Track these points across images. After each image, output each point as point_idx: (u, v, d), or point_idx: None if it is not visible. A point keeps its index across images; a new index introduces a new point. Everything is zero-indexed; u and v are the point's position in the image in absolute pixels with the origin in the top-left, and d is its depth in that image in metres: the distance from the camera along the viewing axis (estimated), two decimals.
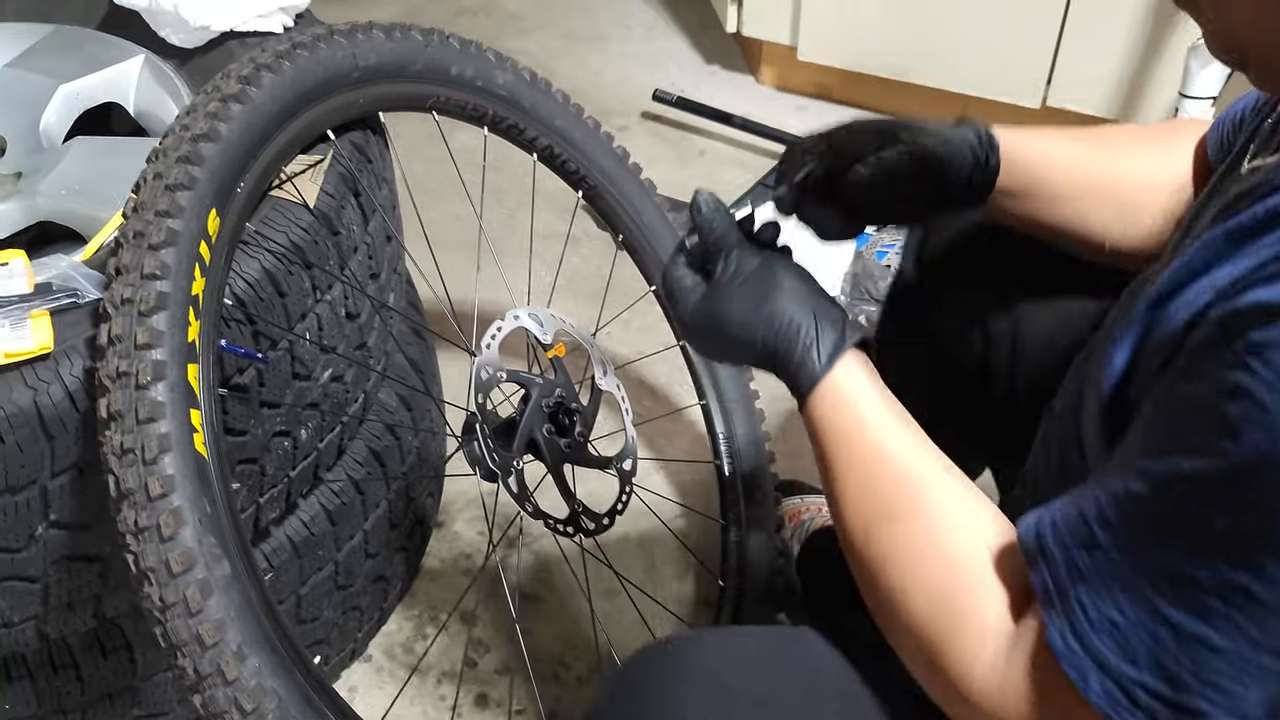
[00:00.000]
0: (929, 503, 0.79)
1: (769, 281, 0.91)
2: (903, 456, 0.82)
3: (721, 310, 0.92)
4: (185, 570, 0.87)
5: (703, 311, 0.94)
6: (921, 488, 0.80)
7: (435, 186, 1.99)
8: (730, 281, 0.92)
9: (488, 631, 1.54)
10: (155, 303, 0.92)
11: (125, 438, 0.89)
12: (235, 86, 1.06)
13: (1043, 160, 1.03)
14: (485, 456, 1.17)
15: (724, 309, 0.92)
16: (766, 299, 0.90)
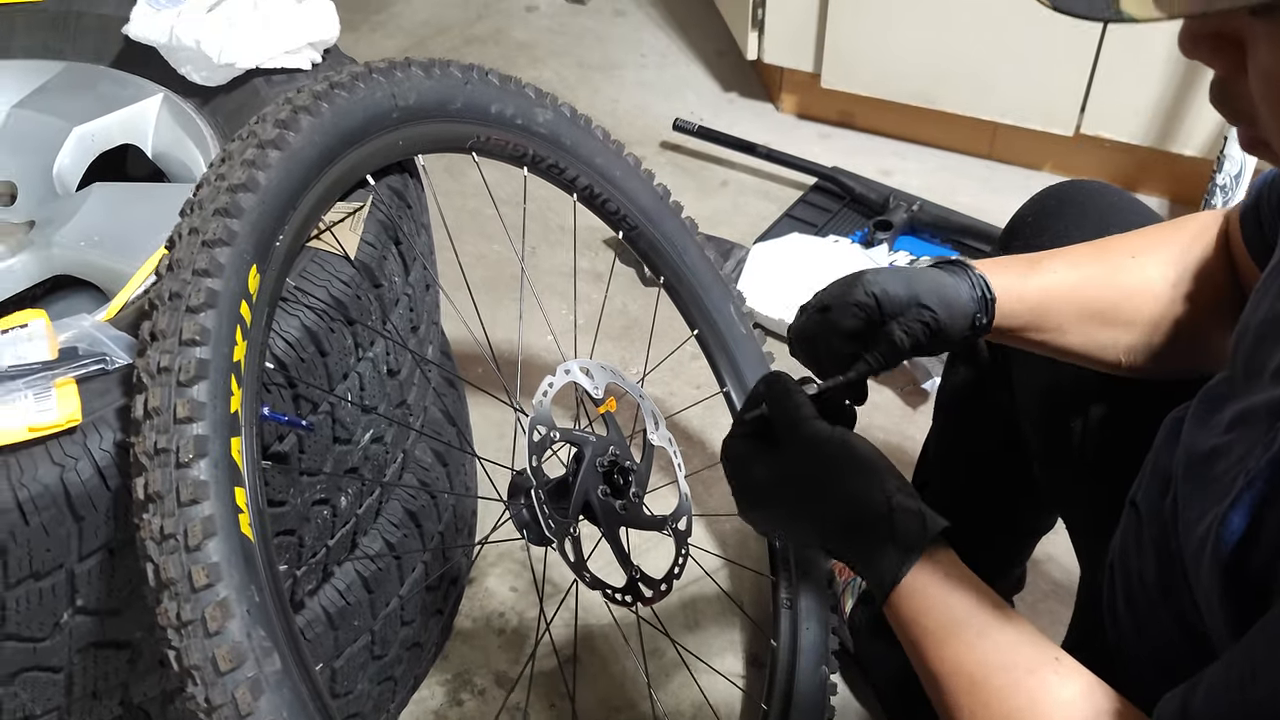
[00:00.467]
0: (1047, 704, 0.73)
1: (841, 465, 0.84)
2: (1002, 656, 0.75)
3: (789, 492, 0.86)
4: (234, 668, 0.79)
5: (769, 493, 0.88)
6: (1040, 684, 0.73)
7: (452, 224, 1.91)
8: (798, 461, 0.86)
9: (518, 693, 1.45)
10: (196, 371, 0.84)
11: (166, 521, 0.81)
12: (273, 131, 0.98)
13: (1042, 297, 0.98)
14: (541, 522, 1.09)
15: (791, 491, 0.86)
16: (839, 483, 0.83)
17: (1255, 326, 0.79)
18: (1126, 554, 0.93)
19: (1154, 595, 0.86)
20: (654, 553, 1.55)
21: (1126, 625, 0.91)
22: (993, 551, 1.35)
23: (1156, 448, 0.93)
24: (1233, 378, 0.81)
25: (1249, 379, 0.77)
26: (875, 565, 0.81)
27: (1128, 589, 0.91)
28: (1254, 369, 0.77)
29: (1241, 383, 0.79)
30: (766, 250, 2.06)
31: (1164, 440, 0.90)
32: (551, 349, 1.89)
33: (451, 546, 1.38)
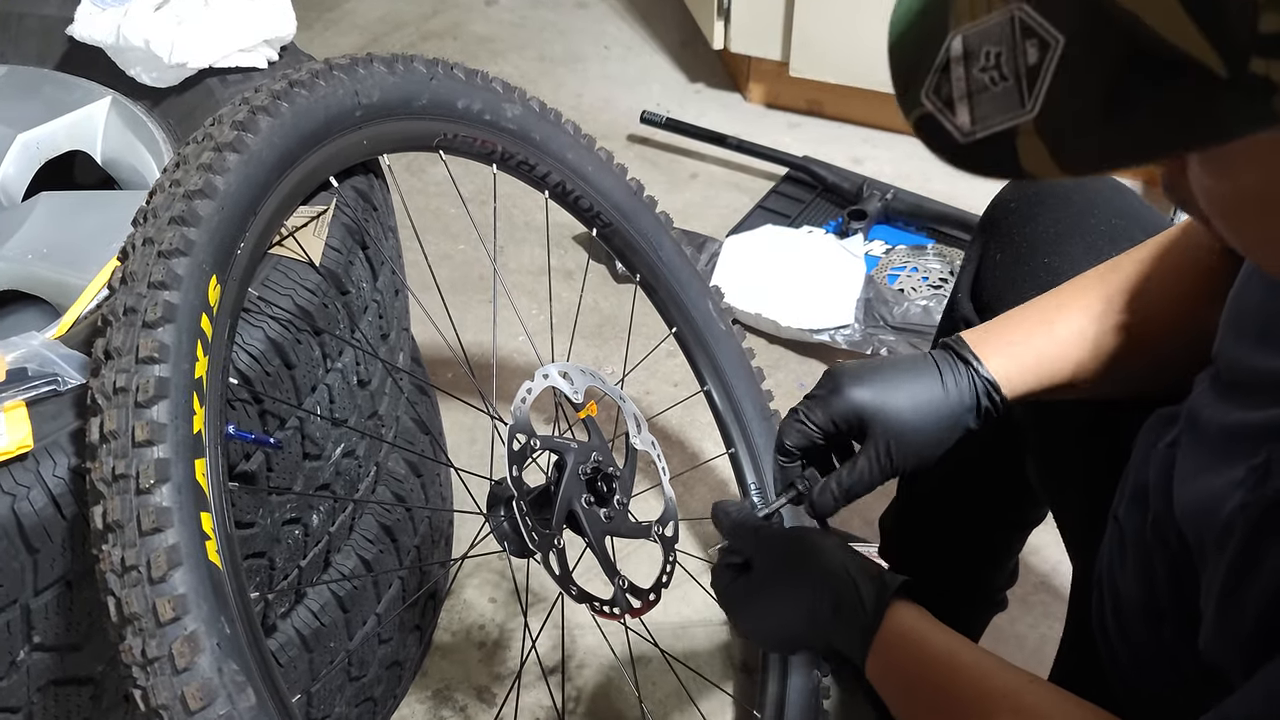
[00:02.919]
0: None
1: (800, 561, 0.90)
2: (984, 681, 0.79)
3: (761, 604, 0.92)
4: (205, 706, 0.74)
5: (747, 612, 0.94)
6: (1015, 709, 0.76)
7: (415, 224, 1.86)
8: (765, 575, 0.92)
9: (507, 709, 1.41)
10: (155, 391, 0.79)
11: (127, 552, 0.76)
12: (230, 134, 0.93)
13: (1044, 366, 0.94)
14: (524, 534, 1.04)
15: (764, 602, 0.92)
16: (800, 578, 0.89)
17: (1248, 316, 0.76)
18: (1113, 571, 0.91)
19: (1139, 617, 0.85)
20: (635, 557, 1.51)
21: (1117, 642, 0.88)
22: (984, 546, 1.32)
23: (1134, 464, 0.90)
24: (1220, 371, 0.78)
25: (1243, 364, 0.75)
26: (848, 634, 0.85)
27: (1116, 607, 0.89)
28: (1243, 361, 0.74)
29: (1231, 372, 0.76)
30: (740, 243, 2.02)
31: (1141, 456, 0.88)
32: (524, 350, 1.85)
33: (429, 562, 1.33)
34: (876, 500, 1.64)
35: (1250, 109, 0.43)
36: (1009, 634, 1.51)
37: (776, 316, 1.89)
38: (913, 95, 0.52)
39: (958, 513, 1.28)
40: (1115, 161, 0.48)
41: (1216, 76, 0.43)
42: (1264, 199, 0.53)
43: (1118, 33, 0.45)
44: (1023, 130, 0.48)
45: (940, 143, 0.52)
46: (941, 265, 2.02)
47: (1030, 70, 0.47)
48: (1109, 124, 0.46)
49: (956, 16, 0.50)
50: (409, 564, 1.29)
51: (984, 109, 0.49)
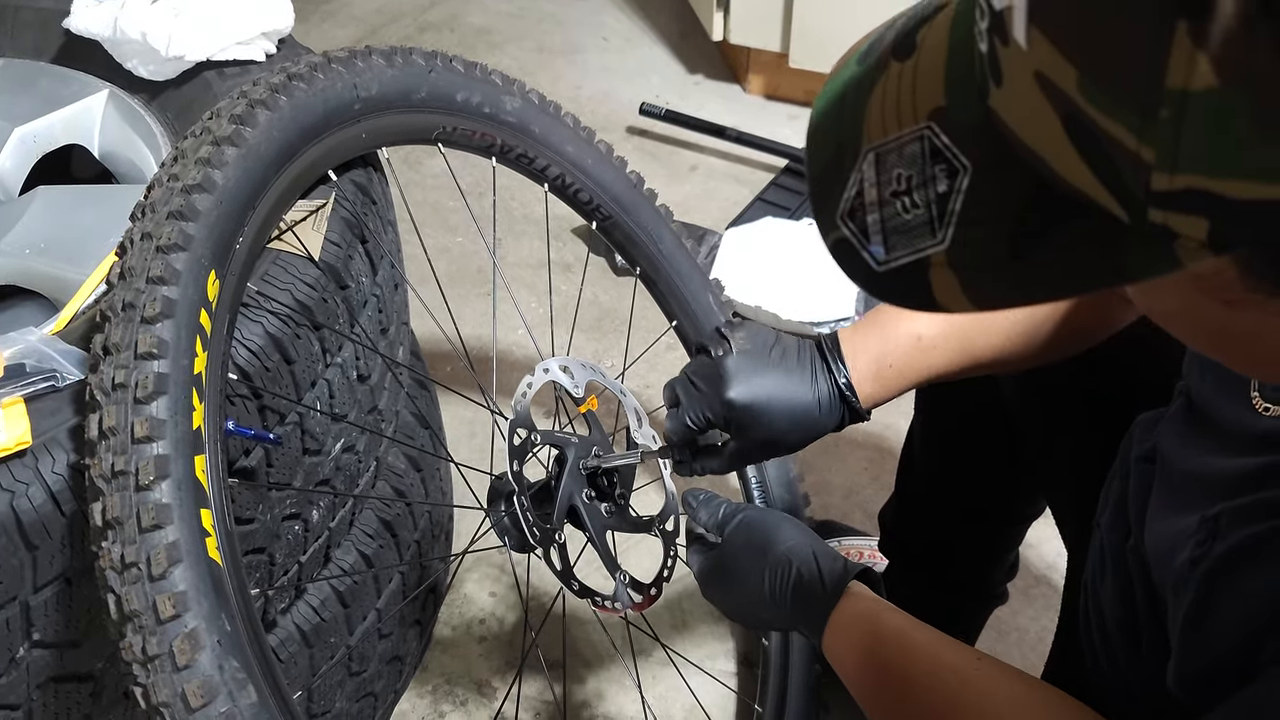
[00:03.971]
0: (972, 697, 0.79)
1: (764, 540, 0.94)
2: (935, 658, 0.82)
3: (727, 582, 0.96)
4: (206, 703, 0.74)
5: (715, 588, 0.98)
6: (962, 683, 0.80)
7: (413, 216, 1.85)
8: (732, 554, 0.96)
9: (508, 705, 1.40)
10: (154, 387, 0.79)
11: (127, 549, 0.76)
12: (228, 127, 0.92)
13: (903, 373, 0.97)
14: (525, 530, 1.04)
15: (730, 580, 0.96)
16: (765, 554, 0.92)
17: None
18: (1096, 581, 0.91)
19: (1120, 629, 0.85)
20: (636, 552, 1.51)
21: (1100, 651, 0.89)
22: (984, 539, 1.32)
23: (1116, 470, 0.90)
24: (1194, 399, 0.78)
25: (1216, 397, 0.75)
26: (807, 611, 0.89)
27: (1100, 620, 0.89)
28: None
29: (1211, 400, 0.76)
30: (740, 235, 2.01)
31: (1122, 465, 0.89)
32: (523, 344, 1.84)
33: (430, 558, 1.32)
34: (877, 494, 1.64)
35: (1153, 253, 0.43)
36: (1010, 627, 1.51)
37: (777, 309, 1.89)
38: (828, 216, 0.51)
39: (958, 507, 1.28)
40: (1026, 298, 0.47)
41: (1119, 220, 0.42)
42: (1190, 321, 0.53)
43: (1023, 168, 0.44)
44: (934, 262, 0.47)
45: (856, 270, 0.50)
46: None
47: (940, 199, 0.46)
48: (1017, 260, 0.46)
49: (869, 128, 0.49)
50: (409, 559, 1.28)
51: (896, 238, 0.48)
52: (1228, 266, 0.43)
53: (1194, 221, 0.40)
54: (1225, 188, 0.39)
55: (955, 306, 0.48)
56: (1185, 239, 0.41)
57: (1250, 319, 0.48)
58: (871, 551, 1.51)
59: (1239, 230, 0.40)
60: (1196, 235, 0.41)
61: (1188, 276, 0.44)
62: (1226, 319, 0.49)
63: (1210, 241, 0.41)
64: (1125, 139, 0.40)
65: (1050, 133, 0.42)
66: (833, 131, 0.51)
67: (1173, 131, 0.38)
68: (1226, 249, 0.42)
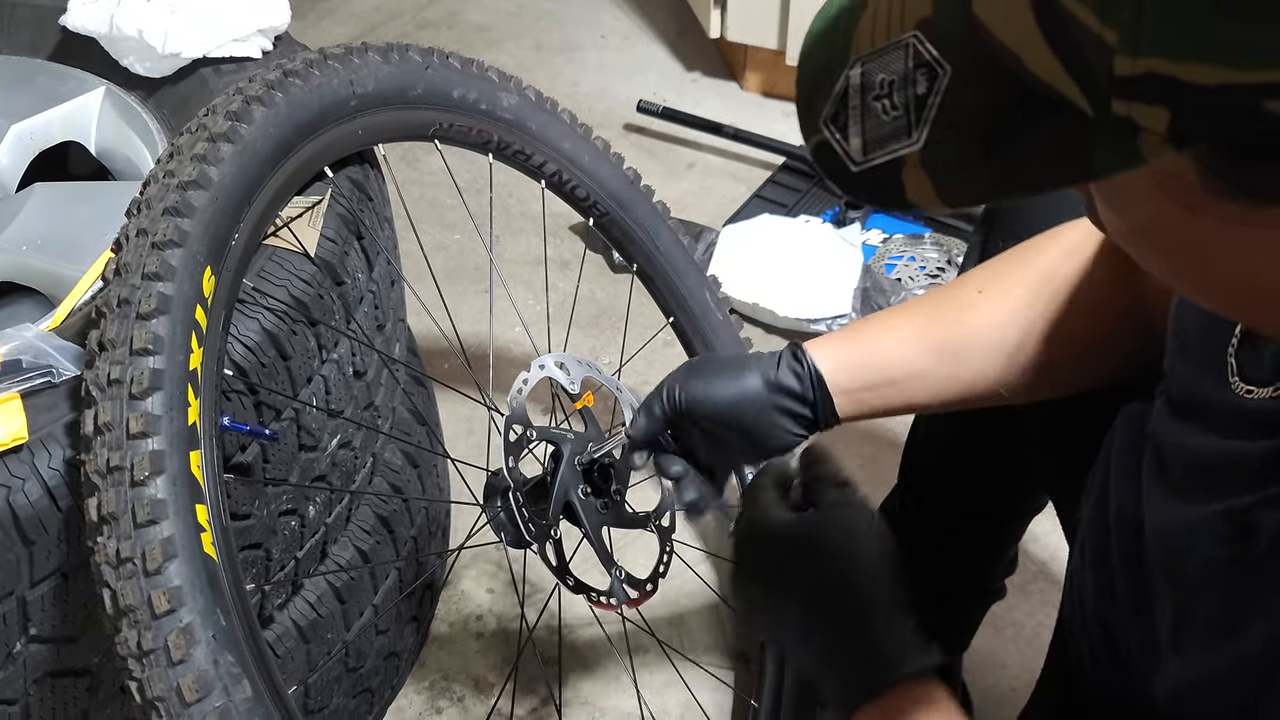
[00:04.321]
0: None
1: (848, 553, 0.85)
2: None
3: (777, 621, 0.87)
4: (201, 698, 0.74)
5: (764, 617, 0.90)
6: None
7: (409, 213, 1.85)
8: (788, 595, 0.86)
9: (501, 699, 1.41)
10: (149, 383, 0.79)
11: (122, 544, 0.76)
12: (224, 124, 0.92)
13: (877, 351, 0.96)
14: (520, 525, 1.04)
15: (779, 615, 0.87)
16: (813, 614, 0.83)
17: None
18: (1079, 574, 0.90)
19: (1099, 626, 0.85)
20: (632, 548, 1.51)
21: (1083, 646, 0.88)
22: (984, 534, 1.32)
23: (1100, 465, 0.90)
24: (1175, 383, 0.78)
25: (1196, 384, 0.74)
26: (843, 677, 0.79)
27: (1082, 615, 0.89)
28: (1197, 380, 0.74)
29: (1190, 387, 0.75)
30: (737, 232, 2.02)
31: (1105, 459, 0.88)
32: (520, 341, 1.84)
33: (426, 553, 1.33)
34: (875, 490, 1.64)
35: (1118, 148, 0.44)
36: (1007, 622, 1.51)
37: (774, 306, 1.89)
38: (812, 122, 0.52)
39: (958, 501, 1.28)
40: (995, 195, 0.49)
41: (1086, 116, 0.44)
42: (1155, 236, 0.54)
43: (1000, 69, 0.45)
44: (909, 162, 0.49)
45: (834, 170, 0.52)
46: (939, 254, 2.01)
47: (918, 101, 0.48)
48: (989, 158, 0.47)
49: (858, 42, 0.50)
50: (406, 555, 1.29)
51: (874, 139, 0.50)
52: (1188, 166, 0.45)
53: (1155, 112, 0.42)
54: (1185, 72, 0.40)
55: (925, 203, 0.50)
56: (1148, 133, 0.42)
57: (1212, 231, 0.49)
58: None
59: (1198, 121, 0.41)
60: (1158, 128, 0.42)
61: (1152, 179, 0.46)
62: (1189, 231, 0.50)
63: (1171, 135, 0.42)
64: (1089, 21, 0.41)
65: (1023, 25, 0.43)
66: (824, 47, 0.52)
67: (1134, 10, 0.40)
68: (1187, 144, 0.43)
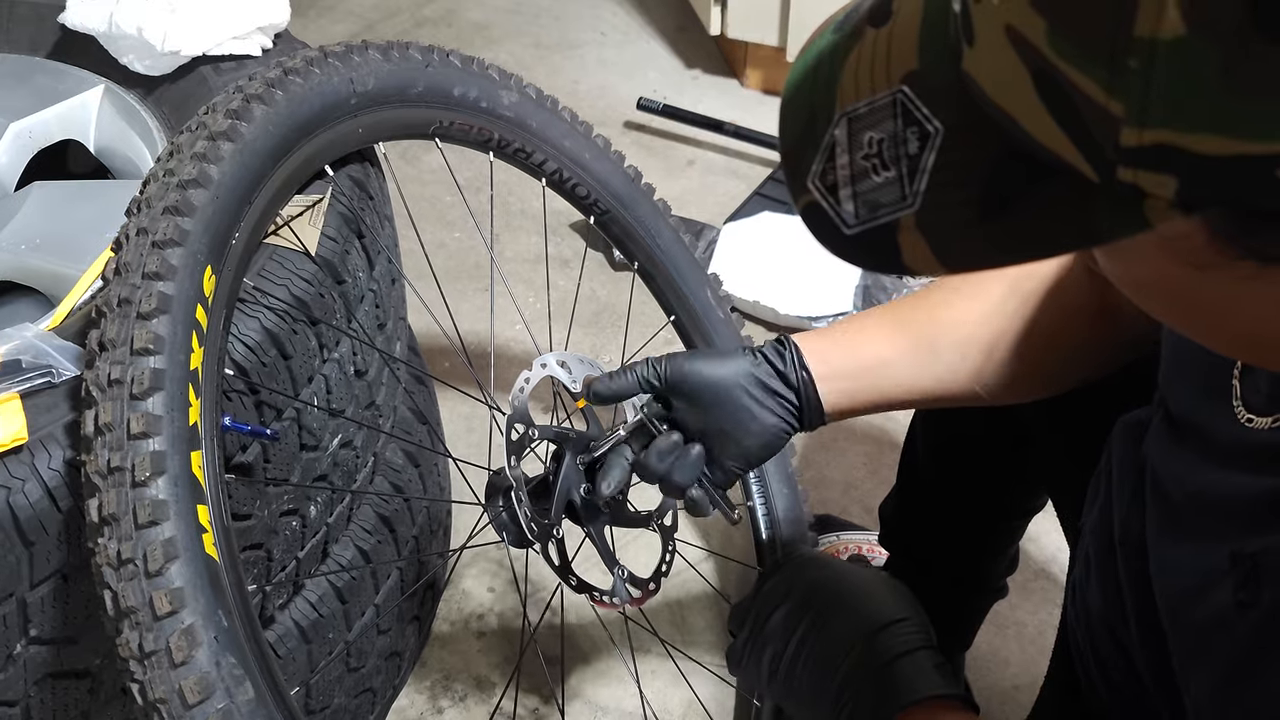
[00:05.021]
0: None
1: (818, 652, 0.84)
2: None
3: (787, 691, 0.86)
4: (203, 700, 0.74)
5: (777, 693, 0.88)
6: None
7: (411, 211, 1.85)
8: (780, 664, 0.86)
9: (505, 700, 1.40)
10: (150, 383, 0.78)
11: (123, 545, 0.75)
12: (224, 122, 0.92)
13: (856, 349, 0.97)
14: (522, 524, 1.04)
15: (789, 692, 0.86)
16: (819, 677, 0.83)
17: None
18: (1082, 583, 0.90)
19: (1101, 626, 0.84)
20: (634, 547, 1.51)
21: (1088, 651, 0.88)
22: (985, 533, 1.32)
23: (1102, 471, 0.89)
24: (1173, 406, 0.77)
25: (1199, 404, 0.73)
26: None
27: (1087, 622, 0.88)
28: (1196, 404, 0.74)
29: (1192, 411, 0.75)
30: (738, 230, 2.01)
31: (1106, 469, 0.88)
32: (521, 339, 1.84)
33: (428, 553, 1.32)
34: (875, 488, 1.64)
35: (1122, 214, 0.43)
36: (1009, 621, 1.51)
37: (775, 304, 1.89)
38: (800, 181, 0.51)
39: (958, 500, 1.28)
40: (997, 260, 0.47)
41: (1089, 181, 0.42)
42: (1159, 292, 0.53)
43: (995, 130, 0.44)
44: (904, 225, 0.47)
45: (826, 234, 0.50)
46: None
47: (911, 160, 0.46)
48: (987, 221, 0.46)
49: (842, 94, 0.49)
50: (407, 555, 1.28)
51: (866, 200, 0.48)
52: (1196, 229, 0.44)
53: (1163, 180, 0.40)
54: (1194, 143, 0.39)
55: (925, 269, 0.48)
56: (1154, 198, 0.41)
57: (1220, 287, 0.48)
58: (870, 546, 1.51)
59: (1207, 189, 0.40)
60: (1165, 194, 0.41)
61: (1157, 241, 0.45)
62: (1196, 287, 0.49)
63: (1179, 201, 0.41)
64: (1094, 93, 0.40)
65: (1021, 90, 0.42)
66: (806, 98, 0.51)
67: (1142, 83, 0.38)
68: (1195, 209, 0.42)
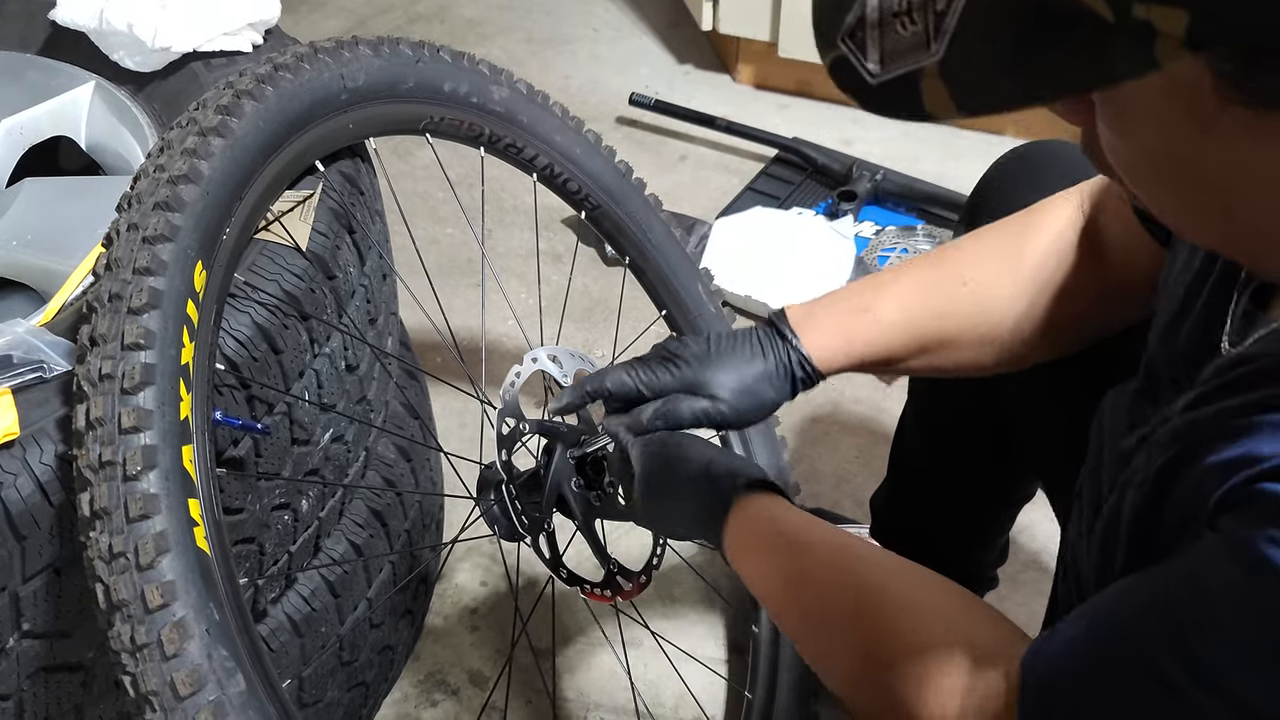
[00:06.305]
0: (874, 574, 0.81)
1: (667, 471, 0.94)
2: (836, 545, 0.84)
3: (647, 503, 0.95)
4: (195, 692, 0.74)
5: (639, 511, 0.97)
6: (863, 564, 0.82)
7: (402, 208, 1.85)
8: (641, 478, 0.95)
9: (495, 692, 1.41)
10: (140, 377, 0.79)
11: (114, 539, 0.76)
12: (214, 118, 0.92)
13: (870, 349, 0.99)
14: (513, 518, 1.04)
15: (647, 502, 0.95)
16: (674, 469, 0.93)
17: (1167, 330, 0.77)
18: (1076, 549, 0.90)
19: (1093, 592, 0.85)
20: (625, 539, 1.51)
21: None
22: (975, 523, 1.33)
23: (1093, 440, 0.90)
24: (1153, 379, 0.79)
25: None
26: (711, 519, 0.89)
27: (1080, 589, 0.89)
28: None
29: None
30: (730, 225, 2.02)
31: (1094, 435, 0.89)
32: (513, 334, 1.84)
33: (420, 547, 1.33)
34: (867, 482, 1.64)
35: (1135, 53, 0.45)
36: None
37: (766, 298, 1.89)
38: (829, 38, 0.54)
39: (949, 489, 1.29)
40: (1012, 101, 0.50)
41: (1105, 21, 0.45)
42: (1165, 161, 0.55)
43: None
44: (927, 73, 0.51)
45: (852, 84, 0.54)
46: (931, 246, 2.01)
47: (938, 15, 0.49)
48: (1008, 66, 0.49)
49: None
50: (399, 548, 1.29)
51: (893, 52, 0.51)
52: (1203, 72, 0.47)
53: (1174, 15, 0.43)
54: None
55: (943, 113, 0.52)
56: (1165, 36, 0.44)
57: (1221, 157, 0.51)
58: (863, 538, 1.51)
59: (1214, 25, 0.43)
60: (1175, 31, 0.44)
61: (1165, 92, 0.49)
62: (1198, 155, 0.52)
63: (1189, 38, 0.44)
64: None
65: None
66: None
67: None
68: (1203, 47, 0.44)
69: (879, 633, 0.77)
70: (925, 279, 1.00)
